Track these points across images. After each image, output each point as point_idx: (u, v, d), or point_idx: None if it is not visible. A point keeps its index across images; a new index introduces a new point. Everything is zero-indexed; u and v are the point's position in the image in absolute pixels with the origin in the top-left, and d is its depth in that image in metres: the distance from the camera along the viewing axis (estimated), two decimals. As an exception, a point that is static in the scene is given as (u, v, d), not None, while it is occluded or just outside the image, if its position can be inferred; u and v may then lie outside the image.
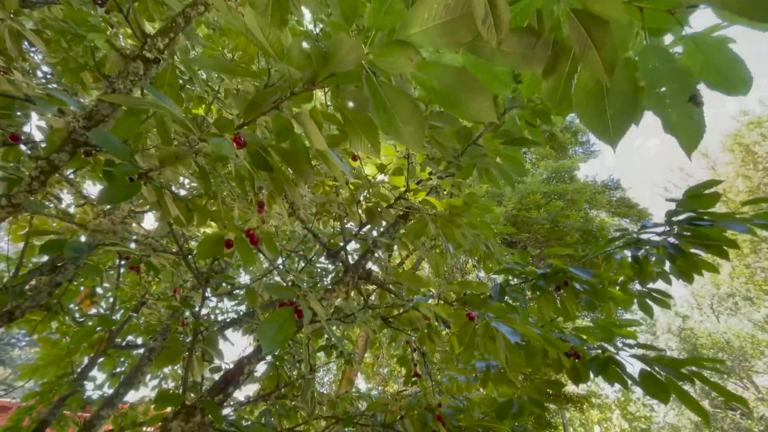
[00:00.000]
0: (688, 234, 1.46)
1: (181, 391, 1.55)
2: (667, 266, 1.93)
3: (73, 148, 0.94)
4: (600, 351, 1.38)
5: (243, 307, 4.17)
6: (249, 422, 2.61)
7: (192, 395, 1.64)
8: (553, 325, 1.70)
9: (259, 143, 0.80)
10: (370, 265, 1.89)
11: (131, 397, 3.62)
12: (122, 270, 3.64)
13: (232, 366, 1.62)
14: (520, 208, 8.37)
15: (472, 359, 1.85)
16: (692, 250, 1.59)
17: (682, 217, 1.46)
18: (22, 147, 1.32)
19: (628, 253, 1.69)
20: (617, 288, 1.87)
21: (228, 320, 3.46)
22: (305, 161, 0.84)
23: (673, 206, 1.52)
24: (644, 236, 1.62)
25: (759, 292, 17.63)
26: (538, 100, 1.47)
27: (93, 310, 1.79)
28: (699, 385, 1.29)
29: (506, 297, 1.79)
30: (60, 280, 2.01)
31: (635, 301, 2.09)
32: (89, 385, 3.20)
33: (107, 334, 3.10)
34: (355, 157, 1.62)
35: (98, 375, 4.96)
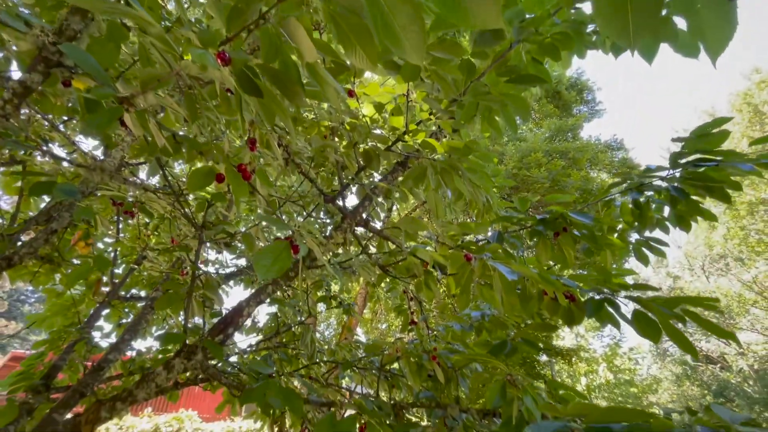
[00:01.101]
0: (691, 177, 1.42)
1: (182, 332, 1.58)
2: (667, 212, 1.92)
3: (46, 68, 0.87)
4: (596, 293, 1.39)
5: (243, 261, 4.21)
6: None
7: (193, 336, 1.68)
8: (550, 272, 1.71)
9: (245, 61, 0.74)
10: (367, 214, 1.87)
11: (139, 347, 3.76)
12: (120, 225, 3.63)
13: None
14: (521, 167, 8.27)
15: (468, 305, 1.88)
16: (694, 197, 1.56)
17: (687, 159, 1.42)
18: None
19: (629, 198, 1.66)
20: (615, 236, 1.87)
21: (227, 273, 3.51)
22: (296, 82, 0.78)
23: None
24: (647, 180, 1.58)
25: (751, 254, 17.94)
26: (545, 32, 1.37)
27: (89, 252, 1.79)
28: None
29: (504, 245, 1.79)
30: (55, 227, 1.99)
31: (631, 250, 2.10)
32: (96, 335, 3.31)
33: (112, 285, 3.16)
34: (351, 93, 1.54)
35: (105, 325, 5.10)
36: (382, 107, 1.66)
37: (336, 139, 1.88)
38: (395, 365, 2.60)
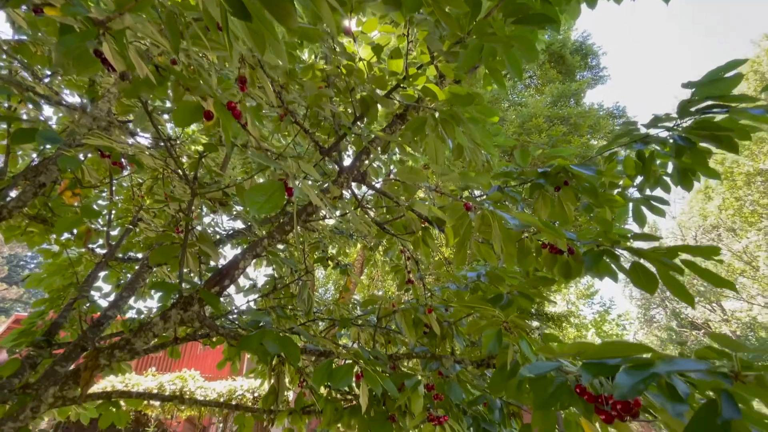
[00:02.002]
0: (698, 126, 1.37)
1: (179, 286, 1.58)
2: (670, 168, 1.88)
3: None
4: (595, 245, 1.38)
5: (239, 224, 4.19)
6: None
7: (188, 287, 1.67)
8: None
9: (229, -27, 0.67)
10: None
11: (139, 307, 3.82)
12: (114, 188, 3.57)
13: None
14: (521, 133, 8.11)
15: (465, 262, 1.87)
16: (700, 149, 1.52)
17: (696, 107, 1.36)
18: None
19: (633, 150, 1.62)
20: (616, 193, 1.84)
21: (224, 235, 3.49)
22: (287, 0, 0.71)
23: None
24: (653, 131, 1.53)
25: (744, 224, 18.14)
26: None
27: (77, 203, 1.75)
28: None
29: (505, 201, 1.76)
30: (43, 180, 1.94)
31: (630, 209, 2.08)
32: (96, 295, 3.34)
33: (108, 247, 3.14)
34: (347, 31, 1.44)
35: (104, 286, 5.14)
36: (380, 49, 1.56)
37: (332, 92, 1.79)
38: (392, 325, 2.64)
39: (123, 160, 1.63)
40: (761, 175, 16.55)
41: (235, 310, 2.63)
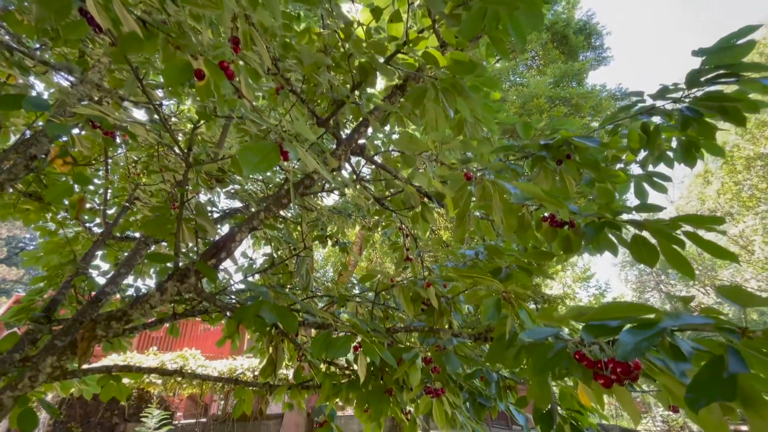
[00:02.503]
0: (706, 97, 1.33)
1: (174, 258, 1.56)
2: (674, 145, 1.85)
3: None
4: (596, 218, 1.37)
5: (236, 204, 4.16)
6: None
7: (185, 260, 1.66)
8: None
9: None
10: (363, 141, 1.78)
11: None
12: (109, 166, 3.51)
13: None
14: (522, 113, 7.99)
15: (464, 237, 1.86)
16: (707, 121, 1.49)
17: (706, 77, 1.32)
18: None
19: (638, 122, 1.58)
20: (618, 168, 1.81)
21: (221, 215, 3.46)
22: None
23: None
24: (660, 103, 1.49)
25: (741, 209, 18.17)
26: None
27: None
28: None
29: (506, 174, 1.73)
30: (34, 152, 1.89)
31: (631, 186, 2.05)
32: (94, 274, 3.34)
33: (105, 225, 3.12)
34: (345, -8, 1.38)
35: (102, 264, 5.14)
36: (380, 12, 1.49)
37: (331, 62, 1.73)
38: (391, 302, 2.65)
39: (116, 132, 1.59)
40: (761, 159, 16.48)
41: (233, 283, 2.63)
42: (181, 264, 1.49)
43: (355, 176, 1.75)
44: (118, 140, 3.96)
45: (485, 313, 1.04)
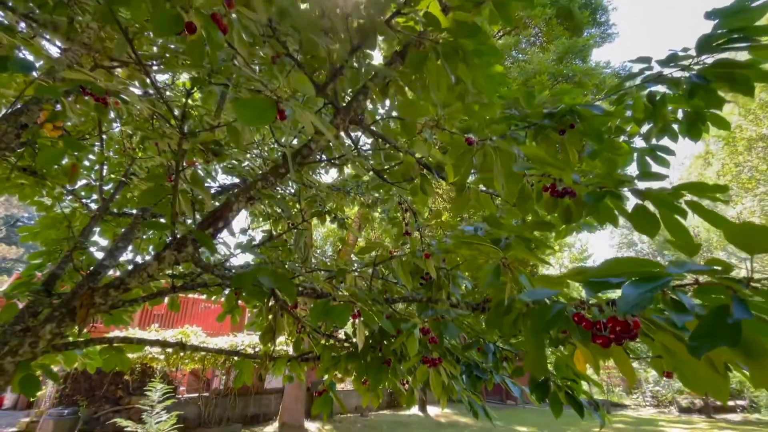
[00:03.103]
0: (715, 65, 1.30)
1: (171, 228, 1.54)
2: (680, 116, 1.81)
3: None
4: (598, 188, 1.35)
5: (234, 180, 4.12)
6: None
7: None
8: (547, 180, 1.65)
9: None
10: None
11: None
12: (104, 141, 3.45)
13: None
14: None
15: (464, 209, 1.85)
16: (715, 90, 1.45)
17: (717, 43, 1.28)
18: None
19: (645, 91, 1.54)
20: (621, 140, 1.78)
21: (219, 191, 3.43)
22: None
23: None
24: (667, 71, 1.45)
25: (740, 190, 18.18)
26: None
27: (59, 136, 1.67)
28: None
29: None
30: (24, 121, 1.85)
31: (634, 159, 2.03)
32: (93, 249, 3.34)
33: (102, 201, 3.09)
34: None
35: (100, 241, 5.15)
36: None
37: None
38: (390, 278, 2.66)
39: (108, 99, 1.54)
40: (763, 141, 16.37)
41: (234, 254, 2.62)
42: (178, 234, 1.48)
43: (354, 146, 1.72)
44: (111, 114, 3.89)
45: (484, 279, 1.04)
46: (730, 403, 16.44)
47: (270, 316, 1.51)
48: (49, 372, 1.71)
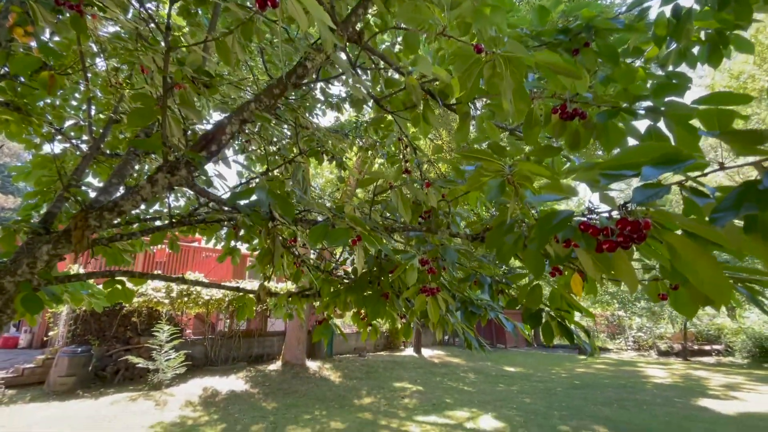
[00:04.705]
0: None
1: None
2: (703, 35, 1.69)
3: None
4: (610, 108, 1.28)
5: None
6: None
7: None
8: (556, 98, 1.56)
9: None
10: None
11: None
12: (88, 80, 3.26)
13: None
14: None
15: (467, 138, 1.78)
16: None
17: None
18: None
19: (667, 9, 1.42)
20: (638, 65, 1.67)
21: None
22: None
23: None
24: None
25: (744, 144, 17.89)
26: None
27: (32, 43, 1.55)
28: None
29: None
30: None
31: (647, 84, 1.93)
32: (88, 190, 3.29)
33: (92, 141, 2.99)
34: None
35: (95, 182, 5.08)
36: None
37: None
38: (388, 214, 2.64)
39: (85, 12, 1.39)
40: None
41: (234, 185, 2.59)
42: (170, 155, 1.42)
43: (351, 65, 1.61)
44: (94, 48, 3.65)
45: (488, 193, 1.01)
46: (706, 347, 17.48)
47: (268, 241, 1.50)
48: (49, 293, 1.72)
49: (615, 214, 0.82)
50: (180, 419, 6.65)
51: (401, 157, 2.52)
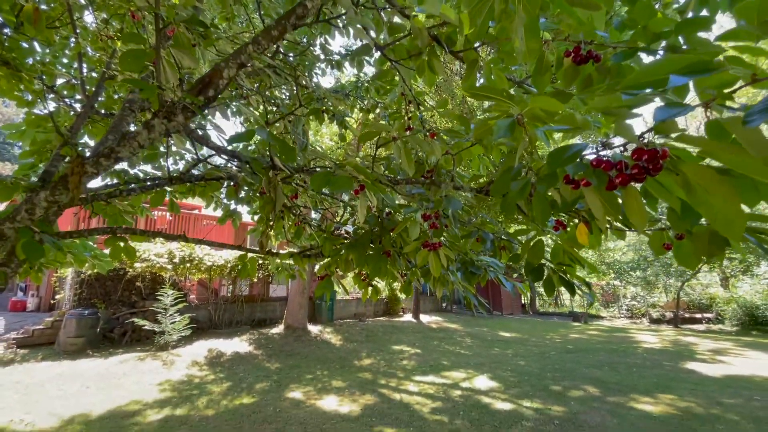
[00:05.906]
0: None
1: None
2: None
3: None
4: (627, 48, 1.22)
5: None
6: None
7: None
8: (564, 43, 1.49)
9: None
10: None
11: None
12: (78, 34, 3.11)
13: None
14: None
15: (475, 83, 1.71)
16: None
17: None
18: None
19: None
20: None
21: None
22: None
23: None
24: None
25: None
26: None
27: None
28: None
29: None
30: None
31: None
32: (85, 150, 3.24)
33: (86, 99, 2.88)
34: None
35: (90, 142, 5.01)
36: None
37: None
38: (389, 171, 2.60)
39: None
40: (790, 59, 15.31)
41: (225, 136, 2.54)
42: (166, 99, 1.37)
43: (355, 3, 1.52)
44: (82, 0, 3.48)
45: (497, 133, 0.97)
46: (697, 315, 17.93)
47: (270, 191, 1.47)
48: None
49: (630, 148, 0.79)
50: (187, 377, 6.92)
51: (404, 113, 2.45)
